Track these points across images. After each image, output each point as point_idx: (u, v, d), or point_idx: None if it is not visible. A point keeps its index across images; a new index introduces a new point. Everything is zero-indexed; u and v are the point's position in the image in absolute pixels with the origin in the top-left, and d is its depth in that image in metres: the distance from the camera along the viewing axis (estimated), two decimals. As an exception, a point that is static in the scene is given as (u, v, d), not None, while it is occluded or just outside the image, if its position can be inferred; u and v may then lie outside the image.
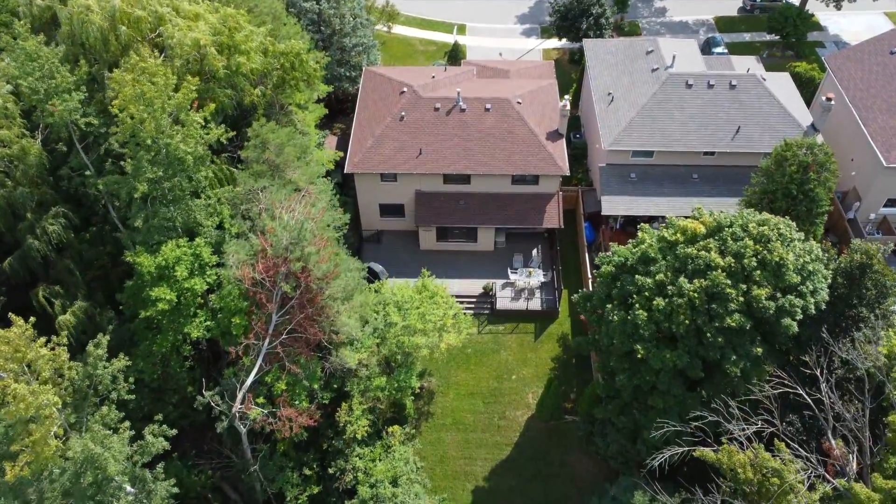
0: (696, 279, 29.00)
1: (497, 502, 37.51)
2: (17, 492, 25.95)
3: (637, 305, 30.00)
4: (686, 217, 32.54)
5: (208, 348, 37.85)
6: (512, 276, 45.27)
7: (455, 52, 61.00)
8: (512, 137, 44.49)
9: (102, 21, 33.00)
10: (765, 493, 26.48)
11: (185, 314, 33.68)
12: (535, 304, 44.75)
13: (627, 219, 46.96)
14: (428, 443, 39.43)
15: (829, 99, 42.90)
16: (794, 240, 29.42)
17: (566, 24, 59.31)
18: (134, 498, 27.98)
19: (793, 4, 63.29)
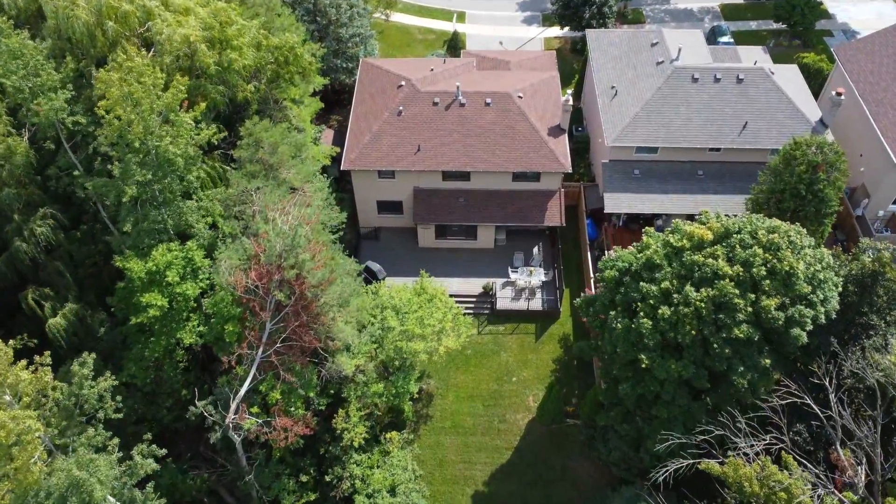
0: (702, 288, 28.10)
1: (497, 507, 36.91)
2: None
3: (642, 314, 29.13)
4: (691, 216, 31.53)
5: (203, 349, 37.01)
6: (512, 274, 44.36)
7: (454, 41, 59.57)
8: (513, 133, 43.33)
9: (88, 16, 31.86)
10: (772, 508, 25.85)
11: (178, 319, 32.94)
12: (536, 303, 43.86)
13: (631, 216, 45.95)
14: (426, 446, 38.70)
15: (839, 94, 41.64)
16: (804, 247, 28.47)
17: (568, 13, 57.96)
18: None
19: (800, -8, 61.76)
